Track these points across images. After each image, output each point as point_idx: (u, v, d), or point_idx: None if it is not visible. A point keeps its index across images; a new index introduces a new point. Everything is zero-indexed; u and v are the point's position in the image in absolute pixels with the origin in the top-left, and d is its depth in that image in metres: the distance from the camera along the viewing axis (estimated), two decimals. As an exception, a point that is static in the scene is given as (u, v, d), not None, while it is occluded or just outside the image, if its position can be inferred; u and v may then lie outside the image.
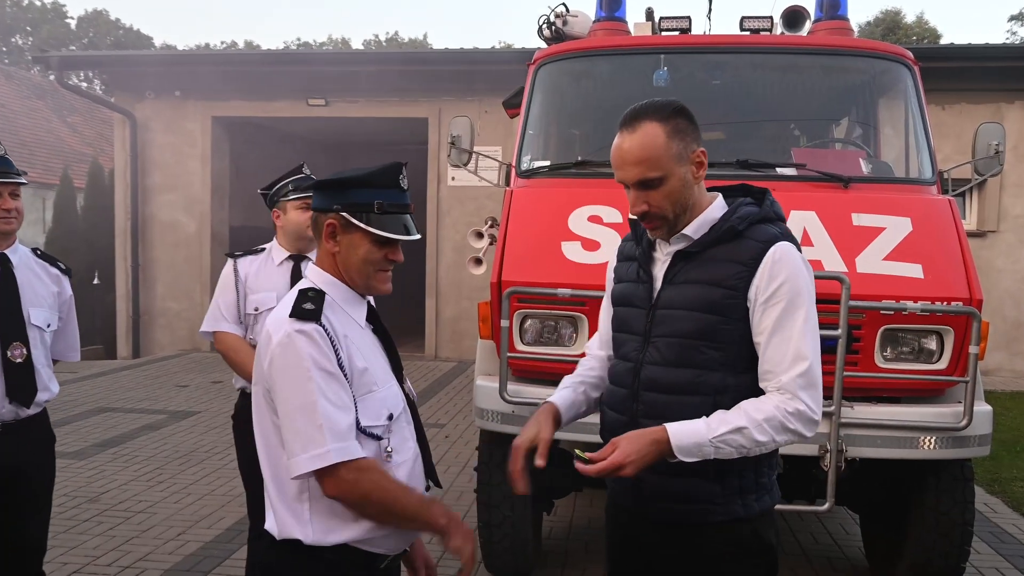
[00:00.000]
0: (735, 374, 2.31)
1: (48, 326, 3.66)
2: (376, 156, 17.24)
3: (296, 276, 4.04)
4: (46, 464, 3.70)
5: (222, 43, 44.18)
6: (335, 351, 2.13)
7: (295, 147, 15.84)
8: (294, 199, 4.09)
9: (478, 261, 5.49)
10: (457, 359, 13.51)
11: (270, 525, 2.26)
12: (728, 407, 2.28)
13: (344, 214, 2.24)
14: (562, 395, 2.61)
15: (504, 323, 4.19)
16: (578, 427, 4.08)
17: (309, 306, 2.18)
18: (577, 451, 2.29)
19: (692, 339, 2.32)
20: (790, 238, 2.36)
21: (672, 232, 2.40)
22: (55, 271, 3.77)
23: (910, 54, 5.12)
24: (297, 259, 4.15)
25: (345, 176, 2.26)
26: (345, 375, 2.14)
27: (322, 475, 2.10)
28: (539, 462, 2.35)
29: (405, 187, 2.30)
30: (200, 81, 13.89)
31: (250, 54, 14.53)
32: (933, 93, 5.68)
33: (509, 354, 4.24)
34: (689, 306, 2.34)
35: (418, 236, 2.32)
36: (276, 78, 13.58)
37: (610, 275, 2.69)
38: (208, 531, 5.77)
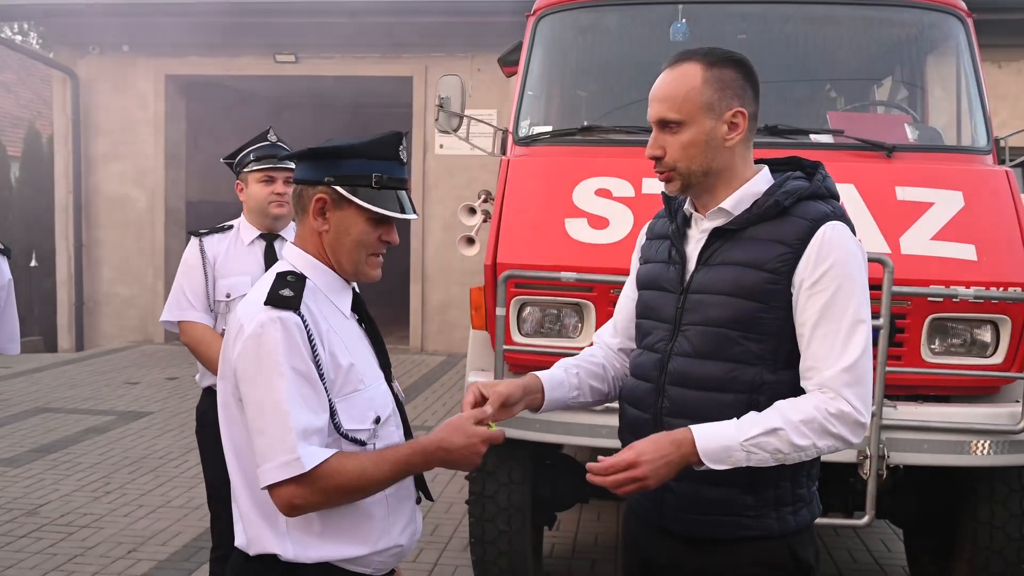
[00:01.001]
0: (774, 370, 2.30)
1: (-17, 314, 3.64)
2: (353, 120, 17.26)
3: (270, 257, 4.05)
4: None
5: (177, -9, 43.91)
6: (312, 346, 2.13)
7: (261, 110, 15.77)
8: (256, 170, 4.08)
9: (470, 241, 5.48)
10: (446, 352, 13.51)
11: (241, 541, 2.26)
12: (765, 407, 2.26)
13: (337, 188, 2.23)
14: (549, 372, 2.60)
15: (500, 311, 4.18)
16: (584, 430, 4.12)
17: (287, 292, 2.17)
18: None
19: (727, 328, 2.31)
20: (843, 218, 2.35)
21: (688, 189, 2.40)
22: (-9, 251, 3.76)
23: (963, 4, 5.10)
24: (269, 238, 4.15)
25: (339, 145, 2.25)
26: (321, 374, 2.14)
27: (276, 490, 2.09)
28: (488, 409, 2.34)
29: (404, 160, 2.31)
30: (152, 34, 13.80)
31: (209, 4, 14.37)
32: (989, 49, 5.65)
33: (505, 346, 4.23)
34: (725, 290, 2.32)
35: (416, 215, 2.32)
36: (239, 31, 13.50)
37: (636, 255, 2.68)
38: (162, 548, 5.78)
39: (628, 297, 2.68)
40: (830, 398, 2.20)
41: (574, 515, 6.34)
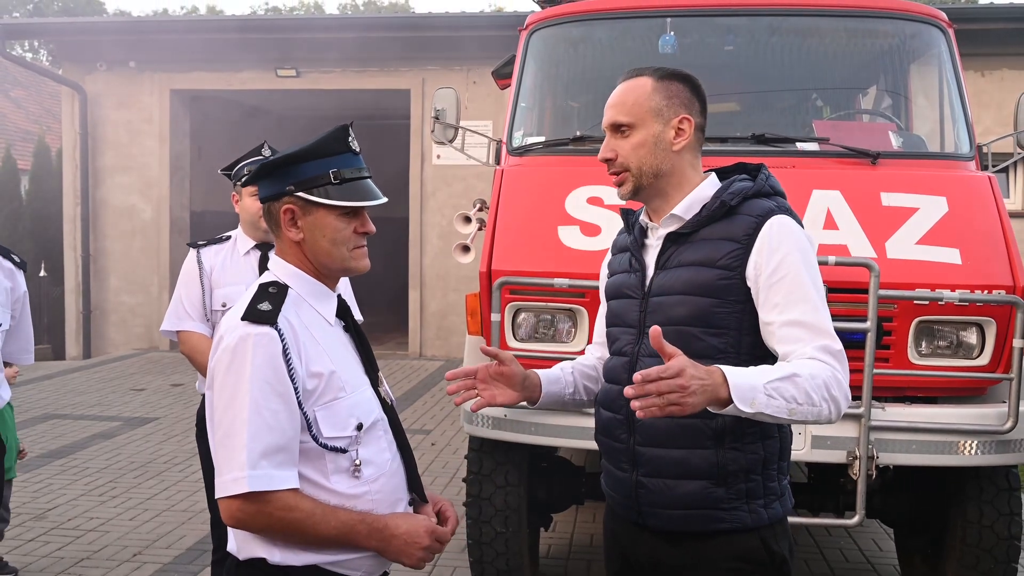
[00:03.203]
0: (736, 364, 2.29)
1: (0, 325, 3.63)
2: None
3: (264, 267, 4.01)
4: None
5: (182, 8, 44.03)
6: (288, 360, 2.11)
7: (263, 123, 15.77)
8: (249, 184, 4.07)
9: (466, 248, 5.45)
10: (444, 357, 13.50)
11: (232, 546, 2.25)
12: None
13: (300, 194, 2.21)
14: (546, 370, 2.69)
15: (495, 317, 4.16)
16: (578, 433, 4.08)
17: (265, 306, 2.15)
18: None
19: (686, 325, 2.36)
20: (788, 211, 2.42)
21: (640, 191, 2.47)
22: (8, 265, 3.76)
23: (944, 15, 5.09)
24: (264, 248, 4.13)
25: (291, 152, 2.23)
26: (296, 388, 2.12)
27: (223, 501, 2.09)
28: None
29: (357, 150, 2.29)
30: (157, 51, 13.82)
31: (212, 20, 14.46)
32: (971, 58, 5.65)
33: (501, 352, 4.20)
34: (681, 290, 2.38)
35: (385, 199, 2.30)
36: (241, 47, 13.50)
37: (604, 272, 2.75)
38: (167, 551, 5.73)
39: (601, 314, 2.76)
40: (827, 364, 2.21)
41: (570, 516, 6.31)
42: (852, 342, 3.99)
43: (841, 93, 5.73)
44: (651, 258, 2.49)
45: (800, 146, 4.67)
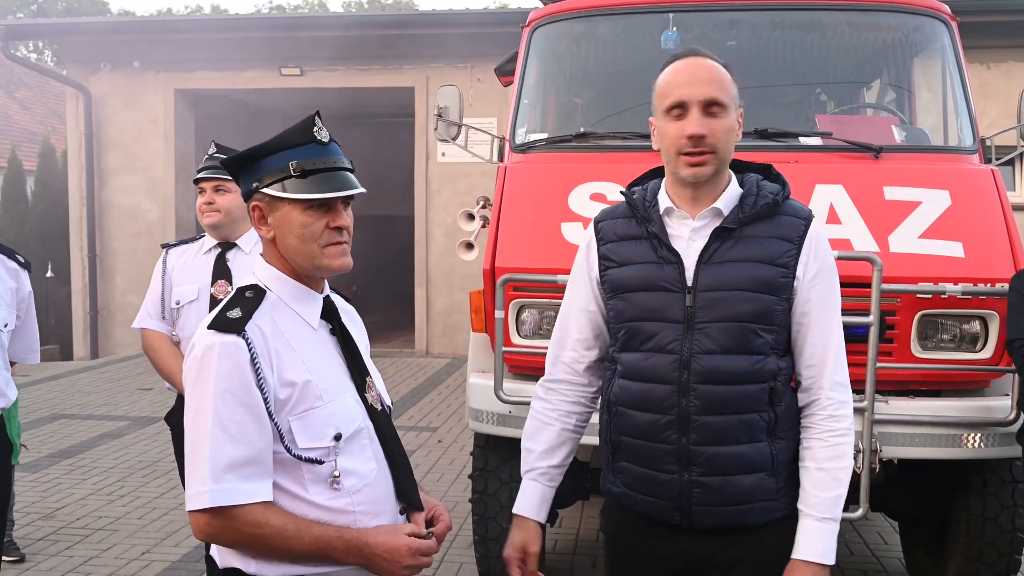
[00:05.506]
0: (780, 357, 2.40)
1: (5, 325, 3.67)
2: (357, 130, 17.29)
3: (219, 266, 4.09)
4: (1, 476, 3.70)
5: (186, 8, 44.10)
6: (257, 369, 2.02)
7: (268, 122, 15.78)
8: (202, 180, 4.09)
9: (469, 246, 5.46)
10: (450, 355, 13.52)
11: (213, 551, 2.20)
12: (780, 392, 2.37)
13: (264, 190, 2.13)
14: (531, 499, 2.73)
15: (499, 314, 4.17)
16: (594, 429, 4.08)
17: (235, 314, 2.07)
18: None
19: (750, 322, 2.35)
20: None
21: (714, 176, 2.39)
22: (13, 265, 3.79)
23: (947, 8, 5.09)
24: (224, 247, 4.15)
25: (252, 147, 2.16)
26: (266, 398, 2.03)
27: (191, 514, 2.02)
28: None
29: (325, 140, 2.17)
30: (161, 50, 13.84)
31: (216, 19, 14.45)
32: (977, 51, 5.65)
33: (505, 348, 4.22)
34: (745, 286, 2.35)
35: (360, 190, 2.17)
36: (245, 46, 13.54)
37: (592, 262, 2.58)
38: (175, 549, 5.78)
39: (581, 309, 2.61)
40: (837, 423, 2.38)
41: (576, 512, 6.32)
42: (855, 336, 4.01)
43: (844, 87, 5.73)
44: (688, 249, 2.40)
45: (803, 140, 4.67)
